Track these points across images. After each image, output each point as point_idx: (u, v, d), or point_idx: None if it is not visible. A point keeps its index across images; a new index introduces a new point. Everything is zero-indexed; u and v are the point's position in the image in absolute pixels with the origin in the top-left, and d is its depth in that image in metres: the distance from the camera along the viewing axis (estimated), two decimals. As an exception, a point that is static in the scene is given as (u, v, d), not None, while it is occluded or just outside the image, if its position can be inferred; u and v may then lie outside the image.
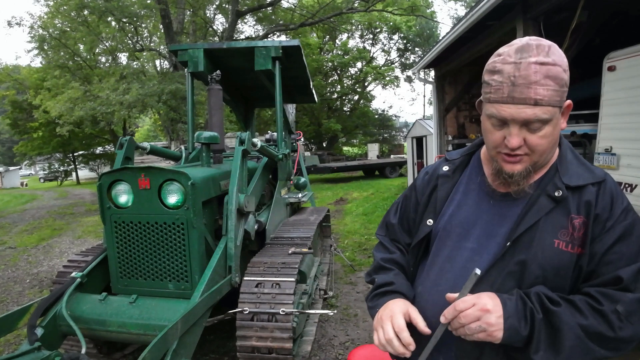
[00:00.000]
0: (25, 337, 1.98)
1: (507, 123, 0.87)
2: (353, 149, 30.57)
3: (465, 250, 0.97)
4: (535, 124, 0.85)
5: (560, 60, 0.84)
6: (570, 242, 0.88)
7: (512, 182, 0.92)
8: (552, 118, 0.85)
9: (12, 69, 21.94)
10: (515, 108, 0.84)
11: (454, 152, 1.14)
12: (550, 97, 0.83)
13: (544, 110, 0.83)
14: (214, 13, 17.83)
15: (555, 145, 0.92)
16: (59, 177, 28.02)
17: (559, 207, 0.90)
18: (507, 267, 0.90)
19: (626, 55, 3.74)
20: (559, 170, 0.93)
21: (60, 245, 7.01)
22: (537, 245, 0.88)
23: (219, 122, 3.27)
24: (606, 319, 0.82)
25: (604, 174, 0.93)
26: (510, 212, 0.95)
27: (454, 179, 1.08)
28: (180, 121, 14.07)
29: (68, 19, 13.81)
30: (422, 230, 1.07)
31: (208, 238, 2.49)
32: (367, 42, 26.30)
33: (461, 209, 1.02)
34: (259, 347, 2.29)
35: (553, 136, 0.89)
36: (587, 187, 0.90)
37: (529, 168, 0.90)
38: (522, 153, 0.89)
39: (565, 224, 0.89)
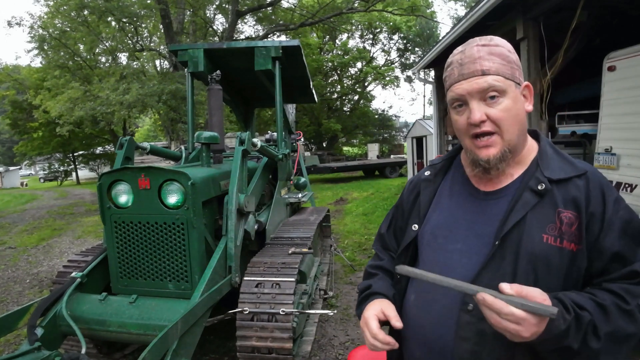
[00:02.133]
0: (25, 337, 1.98)
1: (467, 101, 0.90)
2: (353, 149, 30.57)
3: (453, 252, 0.95)
4: (491, 93, 0.88)
5: (503, 43, 0.91)
6: (559, 236, 0.86)
7: (491, 168, 0.91)
8: (506, 89, 0.88)
9: (12, 69, 21.95)
10: (467, 82, 0.89)
11: (436, 159, 1.17)
12: (498, 68, 0.88)
13: (495, 79, 0.87)
14: (214, 13, 17.85)
15: (522, 125, 0.92)
16: (59, 177, 28.01)
17: (544, 201, 0.88)
18: (499, 267, 0.88)
19: (626, 55, 3.74)
20: (540, 165, 0.93)
21: (60, 245, 7.01)
22: (526, 242, 0.86)
23: (219, 122, 3.27)
24: (633, 317, 0.81)
25: (585, 165, 0.93)
26: (495, 210, 0.94)
27: (435, 182, 1.08)
28: (180, 121, 14.08)
29: (68, 19, 13.80)
30: (408, 235, 1.07)
31: (208, 238, 2.49)
32: (367, 42, 26.32)
33: (445, 212, 1.02)
34: (259, 347, 2.29)
35: (516, 112, 0.90)
36: (572, 181, 0.89)
37: (505, 149, 0.90)
38: (490, 129, 0.89)
39: (553, 218, 0.87)
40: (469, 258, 0.92)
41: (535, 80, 4.75)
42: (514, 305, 0.74)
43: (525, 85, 0.93)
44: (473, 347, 0.88)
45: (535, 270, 0.86)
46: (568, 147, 5.68)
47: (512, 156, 0.92)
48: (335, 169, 16.47)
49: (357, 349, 1.67)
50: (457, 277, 0.85)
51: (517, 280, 0.85)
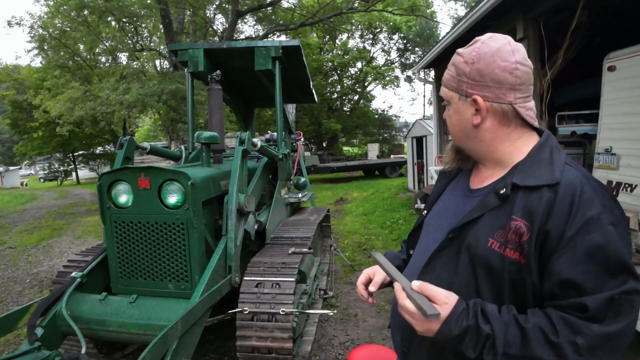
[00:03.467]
0: (25, 337, 1.98)
1: None
2: (353, 149, 30.55)
3: (431, 240, 1.03)
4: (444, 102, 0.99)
5: (466, 52, 0.93)
6: (504, 243, 0.83)
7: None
8: (450, 100, 0.97)
9: (12, 69, 21.93)
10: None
11: None
12: (447, 80, 0.97)
13: (443, 90, 0.99)
14: (214, 13, 17.83)
15: (468, 136, 0.97)
16: (59, 177, 28.00)
17: (504, 206, 0.86)
18: (445, 258, 0.93)
19: (626, 55, 3.74)
20: (517, 169, 0.90)
21: (60, 245, 7.01)
22: (472, 242, 0.88)
23: (219, 122, 3.27)
24: (559, 352, 0.74)
25: (566, 176, 0.83)
26: (467, 206, 0.97)
27: (450, 176, 1.14)
28: (180, 121, 14.07)
29: (68, 19, 13.80)
30: (419, 218, 1.18)
31: (208, 238, 2.49)
32: (367, 42, 26.30)
33: (442, 203, 1.10)
34: (259, 347, 2.29)
35: (457, 121, 0.97)
36: (540, 191, 0.82)
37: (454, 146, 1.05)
38: None
39: (504, 224, 0.84)
40: (436, 245, 0.98)
41: (535, 80, 4.75)
42: (411, 300, 0.83)
43: (472, 99, 0.92)
44: None
45: (474, 272, 0.87)
46: (568, 147, 5.68)
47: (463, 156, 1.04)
48: (335, 169, 16.46)
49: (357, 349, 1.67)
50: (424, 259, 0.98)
51: (458, 277, 0.89)
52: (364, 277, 1.14)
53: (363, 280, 1.14)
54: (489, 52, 0.89)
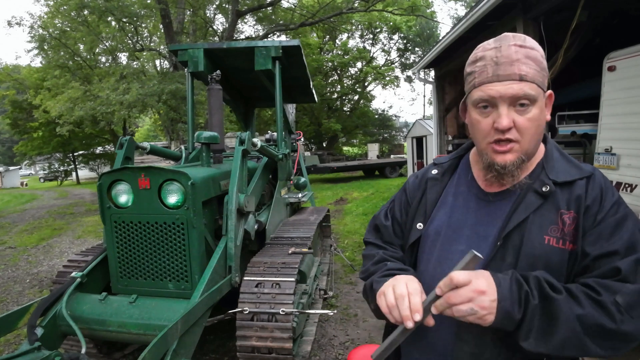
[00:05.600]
0: (25, 337, 1.98)
1: (496, 104, 0.87)
2: (353, 149, 30.57)
3: (455, 253, 0.94)
4: (523, 101, 0.85)
5: (538, 47, 0.88)
6: (561, 237, 0.86)
7: (506, 174, 0.89)
8: (538, 97, 0.86)
9: (12, 69, 21.94)
10: (501, 85, 0.85)
11: (443, 157, 1.14)
12: (534, 75, 0.85)
13: (530, 87, 0.85)
14: (214, 13, 17.84)
15: (541, 135, 0.91)
16: (59, 177, 28.01)
17: (548, 203, 0.88)
18: (500, 268, 0.86)
19: (626, 55, 3.74)
20: (545, 167, 0.92)
21: (60, 245, 7.01)
22: (527, 243, 0.86)
23: (219, 122, 3.27)
24: (606, 310, 0.77)
25: (592, 168, 0.92)
26: (499, 211, 0.93)
27: (442, 182, 1.07)
28: (180, 121, 14.08)
29: (68, 19, 13.81)
30: (413, 234, 1.05)
31: (208, 238, 2.49)
32: (367, 42, 26.30)
33: (451, 212, 1.00)
34: (259, 347, 2.29)
35: (540, 121, 0.88)
36: (576, 183, 0.89)
37: (521, 157, 0.88)
38: (513, 138, 0.86)
39: (555, 219, 0.87)
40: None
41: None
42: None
43: (549, 94, 0.92)
44: (473, 349, 0.88)
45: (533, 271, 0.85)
46: (568, 147, 5.68)
47: (526, 163, 0.91)
48: (335, 169, 16.47)
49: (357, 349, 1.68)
50: None
51: None
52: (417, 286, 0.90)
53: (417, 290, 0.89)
54: None
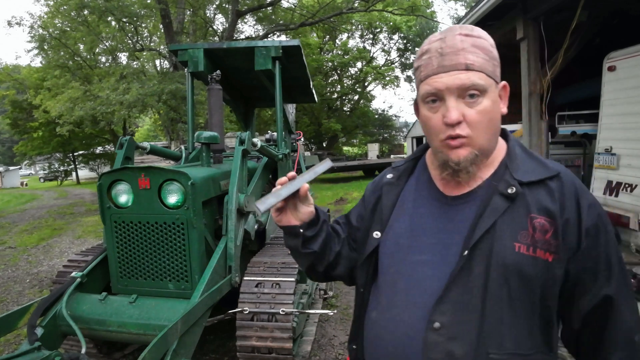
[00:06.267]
0: (25, 337, 1.98)
1: (443, 97, 0.81)
2: (353, 149, 30.58)
3: (418, 264, 0.86)
4: (472, 92, 0.79)
5: (487, 36, 0.84)
6: (532, 244, 0.78)
7: (461, 170, 0.83)
8: (488, 88, 0.81)
9: (12, 69, 21.94)
10: (447, 76, 0.80)
11: (399, 160, 1.07)
12: (482, 64, 0.80)
13: (479, 76, 0.79)
14: (214, 13, 17.84)
15: (496, 129, 0.85)
16: (59, 177, 28.02)
17: (515, 206, 0.81)
18: (468, 280, 0.79)
19: (626, 55, 3.74)
20: (509, 167, 0.85)
21: (60, 245, 7.01)
22: (498, 251, 0.79)
23: (219, 122, 3.27)
24: None
25: (558, 166, 0.86)
26: (462, 216, 0.86)
27: (398, 186, 0.99)
28: (180, 121, 14.07)
29: (68, 19, 13.81)
30: (370, 244, 0.96)
31: (208, 238, 2.49)
32: (367, 42, 26.31)
33: (410, 218, 0.92)
34: (259, 347, 2.29)
35: (493, 114, 0.82)
36: (544, 184, 0.82)
37: (474, 152, 0.82)
38: (463, 134, 0.80)
39: (525, 224, 0.79)
40: (436, 269, 0.84)
41: (535, 80, 4.75)
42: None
43: (502, 85, 0.86)
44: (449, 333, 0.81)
45: (507, 282, 0.78)
46: (568, 147, 5.69)
47: (482, 159, 0.85)
48: (335, 169, 16.47)
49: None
50: (425, 291, 0.82)
51: (489, 293, 0.78)
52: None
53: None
54: None
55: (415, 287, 0.84)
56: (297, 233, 0.96)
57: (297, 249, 0.99)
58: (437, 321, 0.79)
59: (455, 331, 0.78)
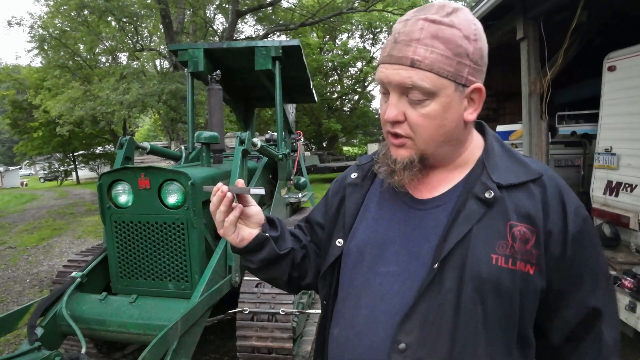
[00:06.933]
0: (25, 337, 1.98)
1: (387, 91, 0.73)
2: (353, 149, 30.59)
3: (383, 276, 0.76)
4: (414, 94, 0.69)
5: (462, 24, 0.69)
6: (511, 256, 0.69)
7: (395, 171, 0.75)
8: (436, 92, 0.68)
9: (12, 69, 21.93)
10: (391, 68, 0.70)
11: (365, 157, 0.96)
12: (433, 62, 0.67)
13: (423, 77, 0.67)
14: (214, 13, 17.83)
15: (449, 138, 0.74)
16: (59, 177, 28.01)
17: (493, 212, 0.71)
18: (438, 295, 0.70)
19: (626, 55, 3.74)
20: (486, 166, 0.75)
21: (60, 245, 7.01)
22: (472, 263, 0.69)
23: (219, 122, 3.27)
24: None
25: (541, 167, 0.76)
26: (432, 222, 0.76)
27: (363, 187, 0.88)
28: (180, 121, 14.07)
29: (68, 19, 13.81)
30: (332, 253, 0.86)
31: (208, 238, 2.49)
32: (367, 42, 26.30)
33: (375, 224, 0.82)
34: (259, 347, 2.29)
35: (442, 121, 0.71)
36: (525, 187, 0.73)
37: (413, 158, 0.73)
38: (403, 133, 0.72)
39: (503, 233, 0.70)
40: (403, 283, 0.74)
41: (535, 80, 4.76)
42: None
43: (474, 87, 0.72)
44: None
45: (482, 298, 0.69)
46: (568, 147, 5.69)
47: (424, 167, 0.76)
48: (335, 169, 16.48)
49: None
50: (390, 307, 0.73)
51: (462, 311, 0.69)
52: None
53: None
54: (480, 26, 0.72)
55: (379, 303, 0.74)
56: (264, 239, 0.85)
57: (273, 256, 0.87)
58: (403, 341, 0.70)
59: (422, 353, 0.69)
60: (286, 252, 0.89)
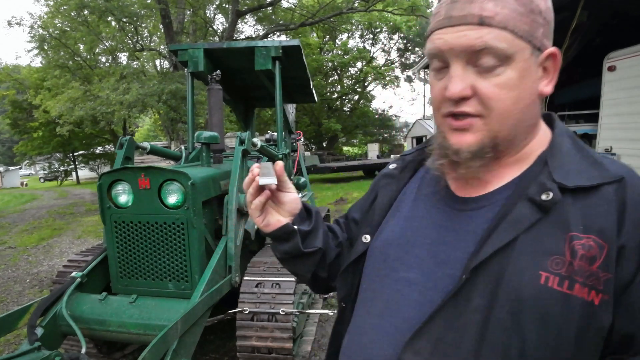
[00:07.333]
0: (25, 337, 1.98)
1: (448, 61, 0.60)
2: (353, 149, 30.60)
3: (402, 282, 0.65)
4: (485, 59, 0.56)
5: None
6: (568, 277, 0.53)
7: (460, 164, 0.61)
8: (512, 55, 0.56)
9: (12, 69, 21.95)
10: (453, 32, 0.57)
11: (412, 149, 0.85)
12: (507, 18, 0.55)
13: (497, 35, 0.55)
14: (214, 13, 17.85)
15: (526, 116, 0.61)
16: (59, 177, 28.03)
17: (549, 219, 0.56)
18: (463, 314, 0.56)
19: (626, 55, 3.75)
20: (549, 163, 0.60)
21: (60, 245, 7.01)
22: (512, 279, 0.55)
23: (219, 122, 3.27)
24: None
25: (622, 169, 0.58)
26: (472, 225, 0.62)
27: (400, 180, 0.78)
28: (180, 121, 14.08)
29: (68, 19, 13.82)
30: (356, 249, 0.77)
31: (208, 238, 2.49)
32: (367, 42, 26.31)
33: (405, 222, 0.71)
34: (259, 347, 2.29)
35: (521, 93, 0.58)
36: (598, 191, 0.56)
37: (485, 142, 0.59)
38: (473, 111, 0.58)
39: (560, 247, 0.54)
40: (423, 293, 0.62)
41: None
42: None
43: (549, 53, 0.60)
44: None
45: (519, 327, 0.54)
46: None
47: (495, 155, 0.61)
48: (335, 168, 16.48)
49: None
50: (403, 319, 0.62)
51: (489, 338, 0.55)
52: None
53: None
54: None
55: (392, 313, 0.64)
56: (291, 231, 0.77)
57: (296, 252, 0.78)
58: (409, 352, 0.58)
59: None
60: (312, 251, 0.79)
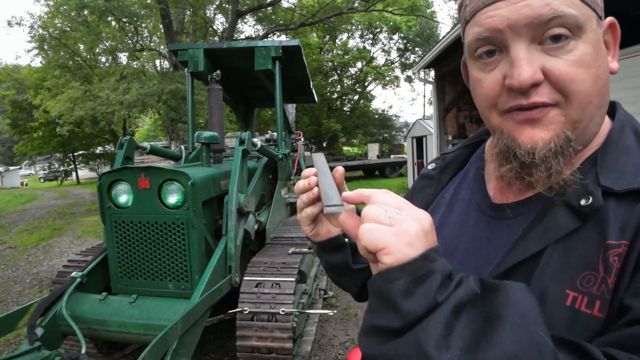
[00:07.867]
0: (25, 337, 1.98)
1: (504, 43, 0.48)
2: (353, 149, 30.60)
3: None
4: (556, 30, 0.45)
5: None
6: (600, 296, 0.45)
7: (537, 165, 0.49)
8: (584, 24, 0.46)
9: (12, 69, 21.95)
10: (509, 3, 0.46)
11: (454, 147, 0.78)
12: None
13: (565, 1, 0.45)
14: (214, 13, 17.84)
15: (605, 99, 0.51)
16: (59, 177, 28.03)
17: (586, 228, 0.47)
18: None
19: (626, 55, 3.75)
20: (597, 161, 0.51)
21: (60, 245, 7.02)
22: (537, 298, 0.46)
23: (219, 122, 3.27)
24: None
25: None
26: (508, 235, 0.55)
27: (439, 182, 0.72)
28: (180, 121, 14.08)
29: (68, 19, 13.82)
30: None
31: (208, 238, 2.49)
32: (367, 42, 26.31)
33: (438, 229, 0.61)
34: (259, 347, 2.29)
35: (598, 69, 0.48)
36: None
37: (565, 133, 0.48)
38: (549, 101, 0.47)
39: (594, 260, 0.46)
40: None
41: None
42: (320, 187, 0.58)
43: (610, 22, 0.52)
44: None
45: None
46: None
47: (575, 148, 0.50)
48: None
49: (357, 349, 1.67)
50: None
51: None
52: None
53: None
54: None
55: None
56: (342, 244, 0.68)
57: (345, 266, 0.70)
58: None
59: None
60: (362, 268, 0.71)
